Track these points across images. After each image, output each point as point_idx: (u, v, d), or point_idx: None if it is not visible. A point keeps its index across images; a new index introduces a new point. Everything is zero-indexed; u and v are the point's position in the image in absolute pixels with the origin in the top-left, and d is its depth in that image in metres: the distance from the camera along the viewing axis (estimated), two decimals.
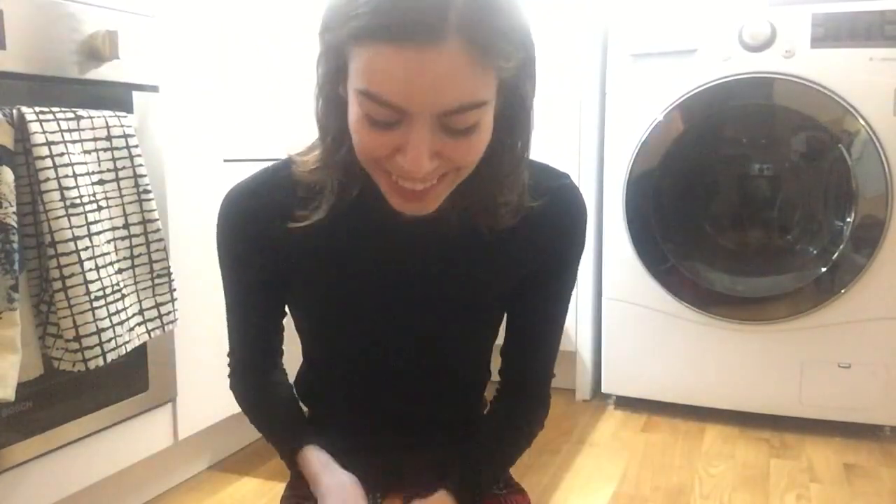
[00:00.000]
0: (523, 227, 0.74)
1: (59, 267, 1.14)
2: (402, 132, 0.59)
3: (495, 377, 0.87)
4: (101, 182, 1.23)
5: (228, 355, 0.87)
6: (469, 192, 0.69)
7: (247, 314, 0.83)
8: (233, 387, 0.87)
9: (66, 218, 1.15)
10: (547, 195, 0.74)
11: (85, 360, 1.18)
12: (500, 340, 0.86)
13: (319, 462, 0.79)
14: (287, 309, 0.84)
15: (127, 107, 1.35)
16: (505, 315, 0.84)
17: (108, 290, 1.22)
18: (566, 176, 0.78)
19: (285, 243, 0.74)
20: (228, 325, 0.85)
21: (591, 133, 2.16)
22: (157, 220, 1.32)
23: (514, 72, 0.62)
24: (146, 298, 1.32)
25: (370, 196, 0.69)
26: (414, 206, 0.65)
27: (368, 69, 0.57)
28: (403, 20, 0.54)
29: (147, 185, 1.31)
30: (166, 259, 1.35)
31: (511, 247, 0.76)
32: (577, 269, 0.82)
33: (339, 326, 0.81)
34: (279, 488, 0.86)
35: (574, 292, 0.84)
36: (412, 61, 0.55)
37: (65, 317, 1.16)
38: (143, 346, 1.40)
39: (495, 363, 0.87)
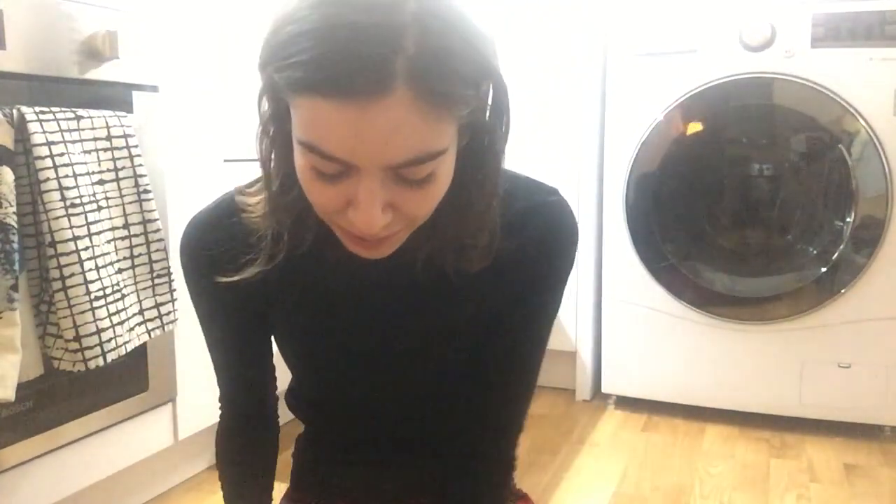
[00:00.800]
0: (502, 256, 0.68)
1: (59, 267, 1.14)
2: (352, 184, 0.54)
3: None
4: (101, 182, 1.23)
5: (219, 400, 0.82)
6: (435, 233, 0.64)
7: (227, 357, 0.79)
8: (218, 435, 0.83)
9: (66, 218, 1.15)
10: (527, 217, 0.69)
11: (85, 360, 1.18)
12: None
13: None
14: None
15: (127, 107, 1.35)
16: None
17: (108, 290, 1.22)
18: (553, 192, 0.71)
19: (246, 282, 0.68)
20: (214, 369, 0.80)
21: (591, 133, 2.16)
22: (157, 220, 1.32)
23: (480, 113, 0.57)
24: (146, 298, 1.32)
25: (328, 239, 0.64)
26: (371, 252, 0.61)
27: (309, 122, 0.52)
28: (345, 73, 0.49)
29: (147, 185, 1.31)
30: (166, 259, 1.35)
31: (488, 278, 0.69)
32: (559, 295, 0.74)
33: (316, 367, 0.78)
34: (279, 488, 0.86)
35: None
36: (356, 117, 0.50)
37: (65, 317, 1.16)
38: (143, 346, 1.40)
39: None
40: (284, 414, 0.85)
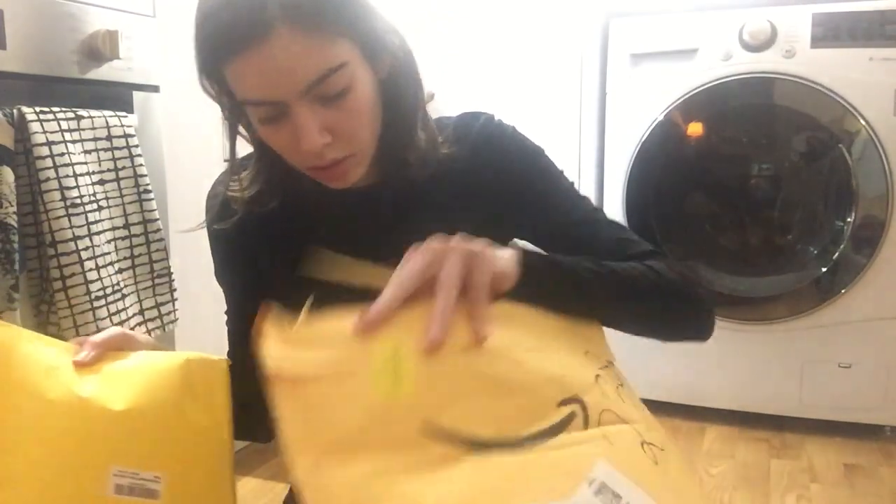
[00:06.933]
0: (460, 169, 0.77)
1: (60, 267, 1.14)
2: (290, 120, 0.65)
3: None
4: (102, 182, 1.23)
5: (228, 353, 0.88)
6: (382, 155, 0.74)
7: (236, 303, 0.87)
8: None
9: (66, 218, 1.15)
10: (471, 136, 0.79)
11: None
12: None
13: None
14: None
15: (127, 107, 1.35)
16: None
17: (109, 290, 1.22)
18: (484, 114, 0.82)
19: (243, 233, 0.82)
20: (227, 323, 0.88)
21: (591, 133, 2.16)
22: (157, 220, 1.32)
23: (369, 33, 0.66)
24: (146, 298, 1.32)
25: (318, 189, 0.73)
26: (339, 181, 0.71)
27: (234, 82, 0.65)
28: (231, 34, 0.62)
29: (147, 184, 1.31)
30: (166, 259, 1.35)
31: (448, 193, 0.78)
32: (552, 171, 0.85)
33: None
34: (279, 488, 0.86)
35: None
36: (255, 62, 0.61)
37: (65, 317, 1.16)
38: None
39: None
40: None
